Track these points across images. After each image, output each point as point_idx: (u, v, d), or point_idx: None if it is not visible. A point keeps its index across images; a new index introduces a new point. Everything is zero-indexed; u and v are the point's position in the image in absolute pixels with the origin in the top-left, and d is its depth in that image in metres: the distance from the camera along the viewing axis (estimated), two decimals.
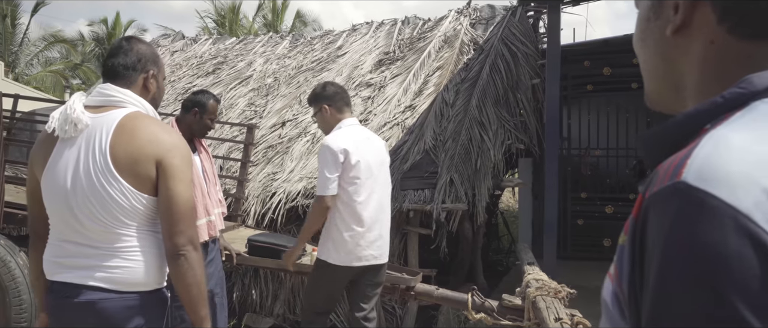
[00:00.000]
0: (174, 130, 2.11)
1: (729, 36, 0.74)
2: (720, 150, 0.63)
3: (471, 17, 8.66)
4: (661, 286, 0.62)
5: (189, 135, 3.69)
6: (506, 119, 6.85)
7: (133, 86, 2.07)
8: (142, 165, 1.93)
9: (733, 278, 0.57)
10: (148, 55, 2.13)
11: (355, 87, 7.93)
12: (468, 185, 6.07)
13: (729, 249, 0.57)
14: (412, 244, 6.21)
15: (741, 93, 0.70)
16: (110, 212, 1.93)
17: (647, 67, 0.86)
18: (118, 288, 1.97)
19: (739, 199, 0.58)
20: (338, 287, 3.75)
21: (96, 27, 30.32)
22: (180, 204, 1.95)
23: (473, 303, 4.22)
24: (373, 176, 3.61)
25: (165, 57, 10.33)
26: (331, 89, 3.71)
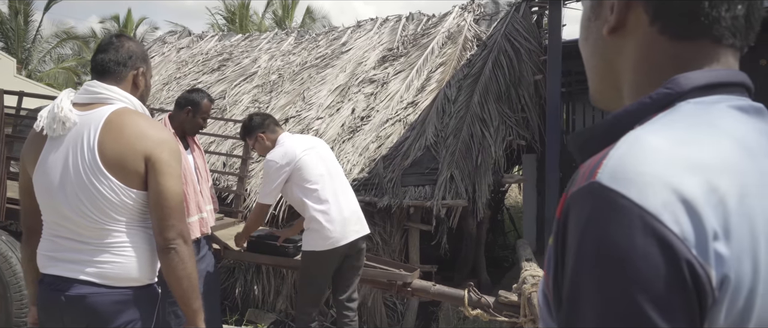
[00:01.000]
0: (162, 125, 2.13)
1: (660, 37, 0.75)
2: (634, 151, 0.63)
3: (475, 13, 8.64)
4: (574, 284, 0.63)
5: (181, 133, 3.72)
6: (508, 115, 6.84)
7: (122, 83, 2.09)
8: (130, 161, 1.94)
9: (638, 278, 0.58)
10: (138, 52, 2.15)
11: (358, 83, 7.95)
12: (468, 181, 6.07)
13: (636, 249, 0.58)
14: (412, 240, 6.23)
15: (667, 94, 0.71)
16: (100, 208, 1.95)
17: (589, 66, 0.87)
18: (108, 283, 1.99)
19: (648, 199, 0.59)
20: (328, 272, 3.94)
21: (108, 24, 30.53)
22: (170, 198, 1.97)
23: (470, 299, 4.22)
24: (322, 166, 3.88)
25: (171, 54, 10.40)
26: (257, 119, 4.02)
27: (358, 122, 7.15)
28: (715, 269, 0.59)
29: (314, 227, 3.79)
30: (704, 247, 0.59)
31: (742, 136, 0.68)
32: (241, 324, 6.24)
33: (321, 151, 3.96)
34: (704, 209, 0.59)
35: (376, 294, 6.04)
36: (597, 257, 0.60)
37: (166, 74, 9.79)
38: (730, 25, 0.74)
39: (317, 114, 7.55)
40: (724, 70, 0.74)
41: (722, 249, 0.59)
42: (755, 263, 0.61)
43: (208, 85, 9.01)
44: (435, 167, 6.23)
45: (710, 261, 0.59)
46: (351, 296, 4.10)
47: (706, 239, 0.59)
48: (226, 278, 6.56)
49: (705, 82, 0.72)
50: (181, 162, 2.08)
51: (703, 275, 0.58)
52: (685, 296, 0.58)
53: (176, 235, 1.98)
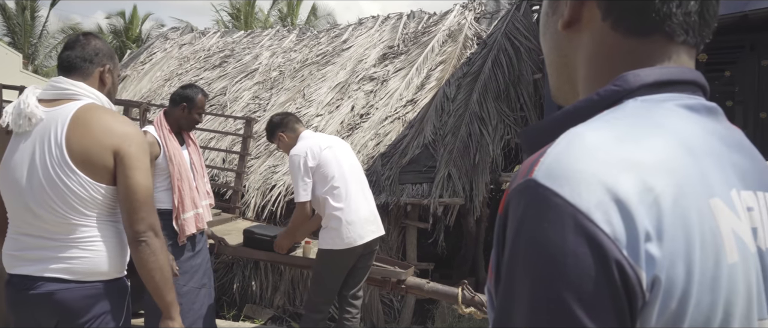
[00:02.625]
0: (128, 120, 2.12)
1: (613, 32, 0.74)
2: (571, 148, 0.62)
3: (476, 12, 8.63)
4: (507, 281, 0.63)
5: (177, 128, 3.73)
6: (506, 114, 6.84)
7: (89, 79, 2.09)
8: (98, 156, 1.95)
9: (567, 278, 0.57)
10: (104, 50, 2.16)
11: (358, 81, 7.96)
12: (466, 179, 6.07)
13: (566, 248, 0.58)
14: (410, 238, 6.24)
15: (615, 90, 0.70)
16: (69, 203, 1.96)
17: (548, 61, 0.86)
18: (77, 278, 1.99)
19: (581, 198, 0.58)
20: (343, 271, 3.91)
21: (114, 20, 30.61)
22: (139, 192, 1.97)
23: (463, 297, 4.23)
24: (343, 165, 3.85)
25: (173, 50, 10.43)
26: (277, 118, 4.07)
27: (357, 120, 7.17)
28: (645, 270, 0.58)
29: (332, 225, 3.76)
30: (635, 248, 0.58)
31: (687, 136, 0.67)
32: (239, 319, 6.26)
33: (340, 149, 3.94)
34: (637, 209, 0.58)
35: (373, 291, 6.05)
36: (528, 255, 0.60)
37: (167, 70, 9.82)
38: (683, 22, 0.73)
39: (317, 111, 7.56)
40: (676, 68, 0.73)
41: (654, 250, 0.58)
42: (689, 265, 0.60)
43: (209, 81, 9.03)
44: (433, 165, 6.24)
45: (641, 262, 0.58)
46: (356, 293, 4.09)
47: (637, 239, 0.58)
48: (225, 273, 6.59)
49: (654, 80, 0.71)
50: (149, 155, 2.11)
51: (632, 276, 0.58)
52: (614, 297, 0.57)
53: (146, 227, 2.00)
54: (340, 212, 3.75)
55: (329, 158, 3.79)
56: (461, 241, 7.48)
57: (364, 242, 3.82)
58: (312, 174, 3.77)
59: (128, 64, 10.54)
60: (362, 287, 4.15)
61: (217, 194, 5.78)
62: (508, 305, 0.62)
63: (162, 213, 3.55)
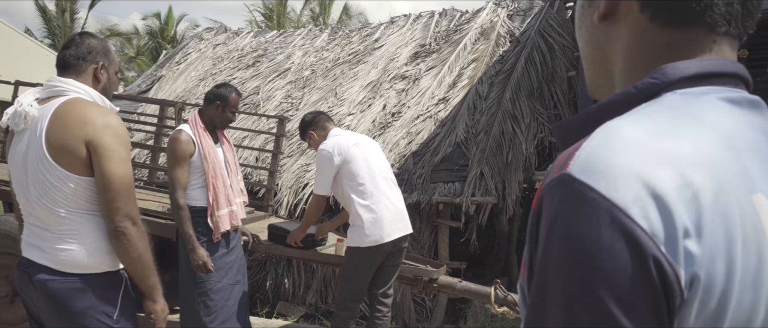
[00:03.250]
0: (110, 112, 2.13)
1: (651, 24, 0.72)
2: (607, 142, 0.61)
3: (508, 9, 8.56)
4: (540, 278, 0.62)
5: (211, 127, 3.78)
6: (540, 112, 6.76)
7: (82, 76, 2.16)
8: (71, 147, 2.00)
9: (603, 274, 0.56)
10: (98, 48, 2.21)
11: (389, 79, 7.95)
12: (498, 178, 6.02)
13: (601, 244, 0.56)
14: (442, 236, 6.21)
15: (653, 83, 0.68)
16: (50, 196, 2.04)
17: (584, 55, 0.84)
18: (63, 269, 2.07)
19: (617, 192, 0.57)
20: (371, 269, 3.92)
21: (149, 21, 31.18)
22: (113, 182, 2.00)
23: (496, 297, 4.19)
24: (370, 162, 3.88)
25: (207, 50, 10.56)
26: (308, 117, 4.14)
27: (388, 118, 7.16)
28: (684, 267, 0.57)
29: (359, 223, 3.77)
30: (673, 244, 0.56)
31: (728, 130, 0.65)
32: (272, 317, 6.31)
33: (368, 147, 3.97)
34: (676, 205, 0.57)
35: (405, 290, 6.04)
36: (562, 251, 0.59)
37: (202, 70, 9.95)
38: (725, 12, 0.71)
39: (349, 110, 7.58)
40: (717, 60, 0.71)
41: (693, 247, 0.57)
42: (730, 263, 0.58)
43: (242, 81, 9.13)
44: (465, 164, 6.20)
45: (679, 259, 0.56)
46: (387, 291, 4.10)
47: (675, 235, 0.56)
48: (258, 271, 6.65)
49: (694, 72, 0.69)
50: (128, 146, 2.11)
51: (670, 273, 0.56)
52: (651, 294, 0.56)
53: (123, 217, 2.02)
54: (366, 210, 3.76)
55: (357, 155, 3.81)
56: (494, 240, 7.43)
57: (392, 240, 3.83)
58: (338, 170, 3.80)
59: (163, 64, 10.71)
60: (392, 285, 4.16)
61: (251, 192, 5.84)
62: (541, 303, 0.61)
63: (197, 210, 3.63)
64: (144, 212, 4.71)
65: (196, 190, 3.65)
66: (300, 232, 4.26)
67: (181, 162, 3.58)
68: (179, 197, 3.56)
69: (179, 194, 3.57)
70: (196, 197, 3.65)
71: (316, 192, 3.93)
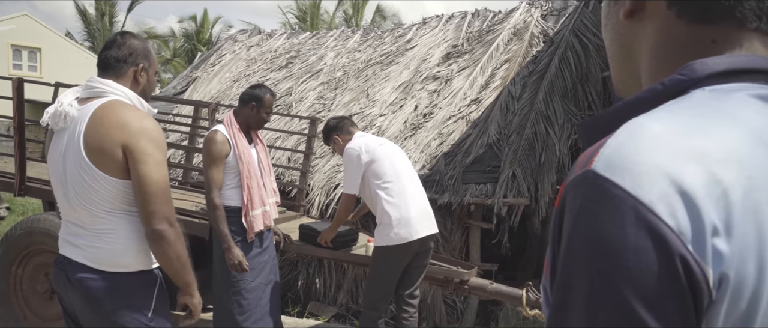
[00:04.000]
0: (146, 116, 2.16)
1: (678, 20, 0.71)
2: (633, 138, 0.60)
3: (542, 9, 8.47)
4: (563, 276, 0.61)
5: (246, 127, 3.82)
6: (574, 113, 6.68)
7: (122, 78, 2.18)
8: (108, 150, 2.03)
9: (628, 273, 0.55)
10: (140, 49, 2.22)
11: (421, 80, 7.94)
12: (531, 179, 5.97)
13: (626, 242, 0.55)
14: (473, 238, 6.18)
15: (681, 80, 0.67)
16: (87, 196, 2.08)
17: (610, 53, 0.83)
18: (99, 267, 2.11)
19: (642, 189, 0.56)
20: (399, 268, 3.94)
21: (185, 24, 31.75)
22: (149, 185, 2.03)
23: (528, 299, 4.15)
24: (395, 162, 3.92)
25: (241, 52, 10.69)
26: (332, 122, 4.20)
27: (420, 119, 7.15)
28: (712, 266, 0.55)
29: (386, 221, 3.80)
30: (701, 242, 0.55)
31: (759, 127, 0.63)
32: (303, 316, 6.35)
33: (392, 148, 4.04)
34: (704, 202, 0.55)
35: (436, 291, 6.03)
36: (586, 249, 0.58)
37: (236, 71, 10.07)
38: (755, 7, 0.69)
39: (380, 111, 7.59)
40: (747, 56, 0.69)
41: (722, 246, 0.55)
42: (761, 263, 0.56)
43: (275, 82, 9.21)
44: (497, 165, 6.16)
45: (707, 258, 0.55)
46: (413, 292, 4.11)
47: (703, 234, 0.55)
48: (289, 270, 6.70)
49: (724, 69, 0.67)
50: (164, 150, 2.13)
51: (698, 273, 0.55)
52: (678, 294, 0.55)
53: (160, 220, 2.04)
54: (394, 208, 3.79)
55: (382, 155, 3.87)
56: (526, 242, 7.36)
57: (419, 238, 3.84)
58: (365, 169, 3.85)
59: (198, 66, 10.87)
60: (419, 286, 4.17)
61: (283, 192, 5.89)
62: (564, 302, 0.60)
63: (231, 210, 3.67)
64: (178, 212, 4.79)
65: (231, 190, 3.70)
66: (330, 232, 4.30)
67: (216, 162, 3.63)
68: (215, 197, 3.61)
69: (215, 194, 3.61)
70: (231, 196, 3.70)
71: (346, 192, 3.98)
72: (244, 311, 3.77)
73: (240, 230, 3.71)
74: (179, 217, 4.67)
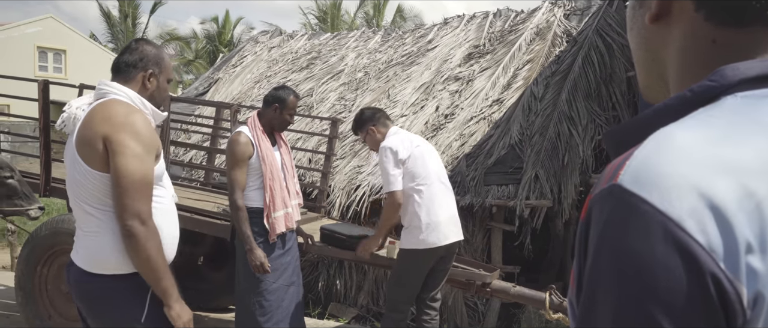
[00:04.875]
0: (135, 111, 2.11)
1: (707, 24, 0.68)
2: (660, 150, 0.57)
3: (565, 8, 8.39)
4: (589, 294, 0.59)
5: (269, 129, 3.82)
6: (598, 114, 6.59)
7: (130, 82, 2.18)
8: (92, 143, 2.02)
9: (656, 292, 0.53)
10: (151, 55, 2.22)
11: (443, 81, 7.90)
12: (554, 181, 5.90)
13: (655, 260, 0.53)
14: (495, 240, 6.13)
15: (711, 86, 0.63)
16: (77, 192, 2.09)
17: (635, 58, 0.80)
18: (90, 270, 2.09)
19: (671, 204, 0.54)
20: (424, 272, 3.89)
21: (207, 25, 31.99)
22: (123, 177, 1.98)
23: (551, 302, 4.10)
24: (429, 165, 3.84)
25: (262, 53, 10.72)
26: (368, 113, 4.07)
27: (441, 120, 7.12)
28: (746, 285, 0.52)
29: (416, 224, 3.74)
30: (734, 260, 0.52)
31: None
32: (324, 318, 6.35)
33: (427, 150, 3.95)
34: (737, 217, 0.53)
35: (457, 294, 5.99)
36: (613, 267, 0.56)
37: (257, 73, 10.11)
38: None
39: (402, 112, 7.57)
40: None
41: (756, 263, 0.52)
42: None
43: (296, 83, 9.23)
44: (519, 166, 6.10)
45: (741, 276, 0.52)
46: (435, 295, 4.08)
47: (737, 251, 0.52)
48: (310, 271, 6.70)
49: (756, 74, 0.63)
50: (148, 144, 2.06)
51: (731, 292, 0.52)
52: (709, 315, 0.52)
53: (130, 215, 1.97)
54: (424, 213, 3.73)
55: (418, 156, 3.79)
56: (548, 244, 7.29)
57: (447, 244, 3.79)
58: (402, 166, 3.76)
59: (220, 67, 10.94)
60: (441, 289, 4.13)
61: (304, 193, 5.88)
62: (589, 320, 0.58)
63: (254, 211, 3.67)
64: (200, 213, 4.81)
65: (254, 191, 3.69)
66: (375, 241, 4.09)
67: (239, 163, 3.61)
68: (238, 198, 3.60)
69: (238, 195, 3.60)
70: (254, 198, 3.69)
71: (389, 189, 3.77)
72: (266, 312, 3.76)
73: (262, 231, 3.70)
74: (201, 218, 4.72)
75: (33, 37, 25.44)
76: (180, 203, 4.78)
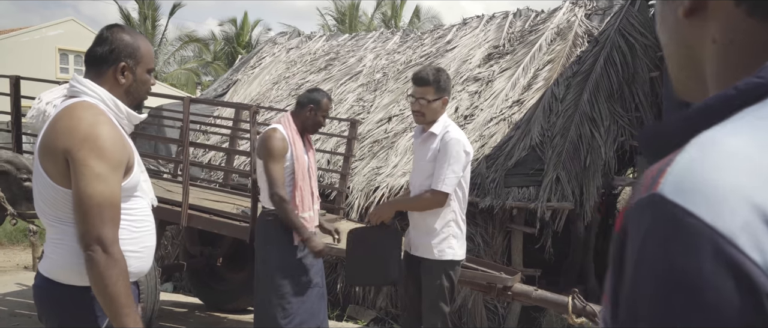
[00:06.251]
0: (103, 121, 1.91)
1: (749, 18, 0.62)
2: (706, 156, 0.52)
3: (586, 8, 8.28)
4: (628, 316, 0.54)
5: (302, 130, 3.82)
6: (620, 115, 6.49)
7: (102, 78, 1.98)
8: (51, 156, 1.86)
9: (705, 315, 0.48)
10: (124, 45, 1.99)
11: (462, 81, 7.84)
12: (576, 183, 5.82)
13: (703, 280, 0.48)
14: (515, 243, 6.06)
15: (759, 83, 0.58)
16: (39, 201, 1.95)
17: (667, 54, 0.74)
18: (49, 277, 1.96)
19: (721, 218, 0.48)
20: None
21: (226, 26, 32.15)
22: (84, 202, 1.81)
23: (574, 307, 4.03)
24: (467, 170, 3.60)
25: (281, 54, 10.72)
26: (445, 75, 3.52)
27: (461, 121, 7.05)
28: None
29: (453, 232, 3.47)
30: None
31: None
32: (342, 320, 6.32)
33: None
34: None
35: (477, 296, 5.92)
36: (656, 288, 0.50)
37: (275, 74, 10.12)
38: None
39: None
40: None
41: None
42: None
43: (314, 84, 9.21)
44: (540, 168, 6.02)
45: None
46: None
47: None
48: (329, 273, 6.67)
49: None
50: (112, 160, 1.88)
51: None
52: None
53: (90, 241, 1.80)
54: (460, 222, 3.51)
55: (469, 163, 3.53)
56: (569, 247, 7.20)
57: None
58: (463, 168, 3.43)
59: (239, 68, 10.96)
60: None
61: (322, 194, 5.86)
62: None
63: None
64: (219, 214, 4.81)
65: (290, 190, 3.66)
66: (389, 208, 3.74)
67: (277, 159, 3.58)
68: (282, 192, 3.55)
69: (281, 189, 3.55)
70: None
71: (444, 189, 3.34)
72: (288, 314, 3.72)
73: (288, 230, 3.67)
74: (220, 219, 4.70)
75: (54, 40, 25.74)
76: (199, 205, 4.84)
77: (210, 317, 6.15)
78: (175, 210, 4.63)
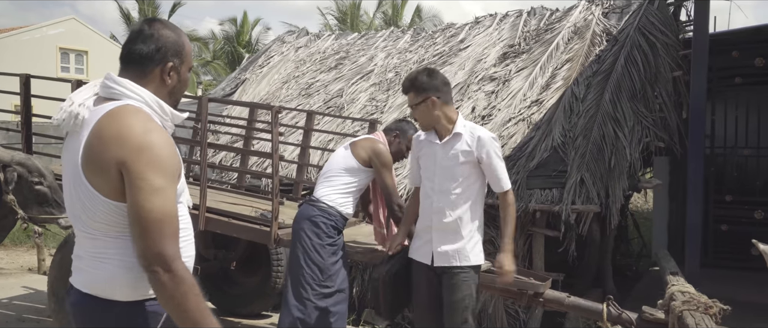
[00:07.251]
0: (155, 128, 1.77)
1: None
2: None
3: (603, 6, 8.14)
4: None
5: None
6: (644, 115, 6.34)
7: (146, 79, 1.84)
8: (101, 168, 1.72)
9: None
10: (171, 43, 1.86)
11: (477, 81, 7.70)
12: (601, 185, 5.66)
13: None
14: (537, 246, 5.91)
15: None
16: (78, 215, 1.80)
17: None
18: (90, 292, 1.81)
19: None
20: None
21: (226, 26, 31.98)
22: (140, 217, 1.68)
23: (609, 314, 3.89)
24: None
25: (289, 53, 10.57)
26: (441, 78, 3.44)
27: (478, 121, 6.90)
28: None
29: (477, 237, 3.42)
30: None
31: None
32: (358, 324, 6.20)
33: None
34: None
35: (498, 301, 5.78)
36: None
37: (284, 73, 9.96)
38: None
39: None
40: None
41: None
42: None
43: (325, 83, 9.07)
44: (563, 170, 5.87)
45: None
46: None
47: None
48: None
49: None
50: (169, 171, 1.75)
51: None
52: None
53: (153, 260, 1.68)
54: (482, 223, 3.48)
55: None
56: (585, 249, 7.05)
57: None
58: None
59: (247, 67, 10.80)
60: None
61: None
62: None
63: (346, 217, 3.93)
64: (236, 217, 4.65)
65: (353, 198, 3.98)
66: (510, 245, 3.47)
67: (392, 170, 3.89)
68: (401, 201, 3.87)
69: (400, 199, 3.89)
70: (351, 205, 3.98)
71: (509, 185, 3.40)
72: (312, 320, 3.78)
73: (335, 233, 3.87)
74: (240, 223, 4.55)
75: (55, 39, 25.61)
76: (216, 208, 4.69)
77: (223, 321, 5.98)
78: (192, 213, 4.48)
